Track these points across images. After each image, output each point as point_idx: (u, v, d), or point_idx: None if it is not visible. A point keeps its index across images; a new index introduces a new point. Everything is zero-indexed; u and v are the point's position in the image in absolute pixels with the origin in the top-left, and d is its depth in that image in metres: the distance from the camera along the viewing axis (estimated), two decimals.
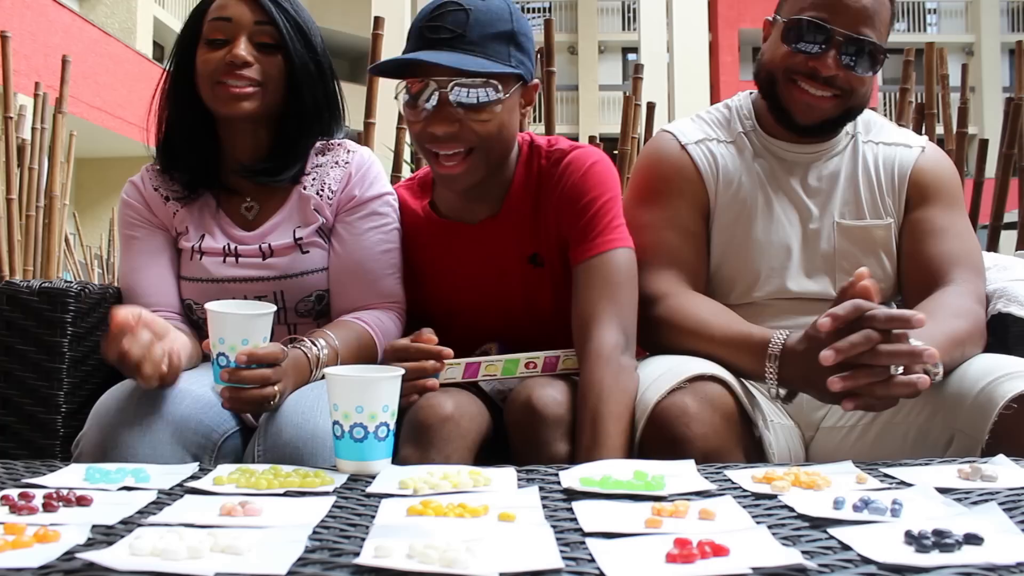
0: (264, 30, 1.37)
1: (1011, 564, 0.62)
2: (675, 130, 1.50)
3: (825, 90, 1.37)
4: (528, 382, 1.27)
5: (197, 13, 1.41)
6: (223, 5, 1.38)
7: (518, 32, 1.31)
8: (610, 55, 21.03)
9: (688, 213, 1.44)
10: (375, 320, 1.39)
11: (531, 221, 1.41)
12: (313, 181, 1.45)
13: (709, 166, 1.45)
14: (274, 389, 1.16)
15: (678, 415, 1.15)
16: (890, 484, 0.92)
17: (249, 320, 1.16)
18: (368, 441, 1.03)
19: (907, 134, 1.52)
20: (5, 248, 3.08)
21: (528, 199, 1.41)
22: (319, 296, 1.43)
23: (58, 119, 3.14)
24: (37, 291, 1.39)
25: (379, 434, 1.04)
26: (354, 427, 1.03)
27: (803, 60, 1.36)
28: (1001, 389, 1.13)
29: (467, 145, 1.29)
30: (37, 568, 0.64)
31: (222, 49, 1.36)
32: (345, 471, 1.03)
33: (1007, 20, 21.15)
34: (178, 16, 15.67)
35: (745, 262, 1.42)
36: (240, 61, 1.34)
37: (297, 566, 0.64)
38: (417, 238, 1.48)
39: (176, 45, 1.43)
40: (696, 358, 1.25)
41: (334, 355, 1.29)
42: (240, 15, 1.37)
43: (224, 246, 1.42)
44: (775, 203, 1.44)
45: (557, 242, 1.40)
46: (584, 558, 0.67)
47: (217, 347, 1.16)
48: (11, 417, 1.38)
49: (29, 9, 9.91)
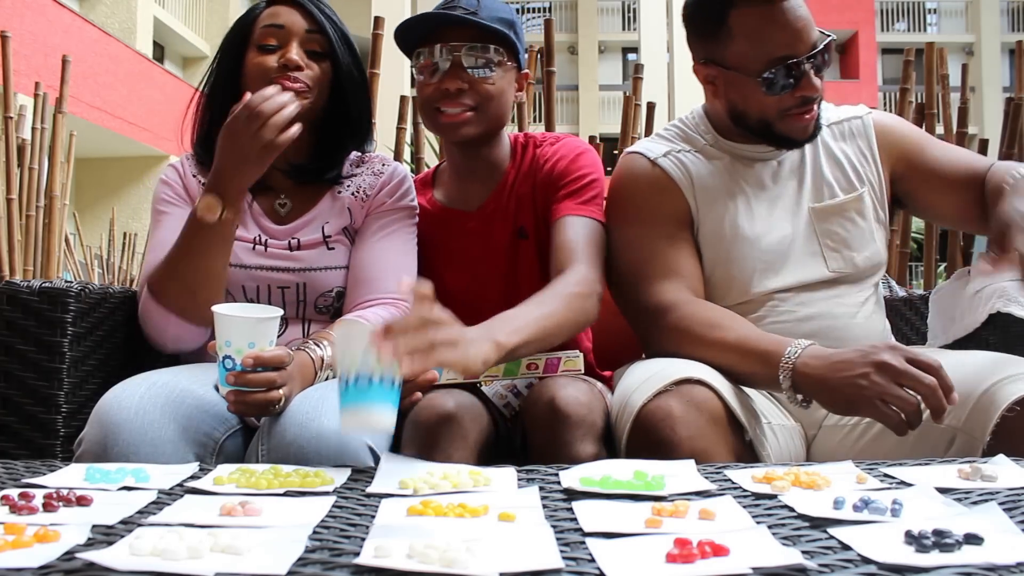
0: (314, 38, 1.45)
1: (1011, 564, 0.62)
2: (641, 148, 1.51)
3: (812, 105, 1.40)
4: (549, 382, 1.28)
5: (247, 19, 1.47)
6: (275, 13, 1.45)
7: (517, 24, 1.50)
8: (610, 55, 21.05)
9: (673, 223, 1.44)
10: (377, 318, 1.40)
11: (519, 199, 1.54)
12: (348, 186, 1.52)
13: (683, 175, 1.46)
14: (279, 393, 1.17)
15: (663, 418, 1.15)
16: (890, 484, 0.92)
17: (256, 324, 1.16)
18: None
19: (848, 108, 1.55)
20: (5, 248, 3.08)
21: (519, 181, 1.55)
22: (339, 293, 1.48)
23: (58, 119, 3.14)
24: (37, 291, 1.39)
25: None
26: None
27: (791, 97, 1.37)
28: (1005, 391, 1.13)
29: (473, 101, 1.46)
30: (37, 568, 0.64)
31: (274, 54, 1.43)
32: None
33: (1007, 20, 21.16)
34: (178, 16, 15.69)
35: (737, 262, 1.43)
36: (293, 65, 1.42)
37: (297, 566, 0.64)
38: (424, 228, 1.57)
39: (222, 48, 1.48)
40: (682, 361, 1.25)
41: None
42: (293, 22, 1.44)
43: (255, 236, 1.47)
44: (752, 200, 1.45)
45: (543, 214, 1.51)
46: (584, 558, 0.67)
47: (223, 349, 1.16)
48: (11, 417, 1.38)
49: (29, 9, 9.91)
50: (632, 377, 1.26)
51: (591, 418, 1.23)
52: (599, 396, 1.32)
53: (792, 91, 1.36)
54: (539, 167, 1.54)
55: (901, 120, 1.57)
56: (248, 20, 1.47)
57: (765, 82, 1.36)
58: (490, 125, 1.50)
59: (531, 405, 1.27)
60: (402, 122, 2.58)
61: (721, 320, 1.33)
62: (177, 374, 1.30)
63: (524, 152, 1.57)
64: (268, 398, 1.16)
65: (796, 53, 1.34)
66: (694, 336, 1.32)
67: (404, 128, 2.58)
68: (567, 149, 1.54)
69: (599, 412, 1.26)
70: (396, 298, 1.45)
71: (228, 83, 1.46)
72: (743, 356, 1.26)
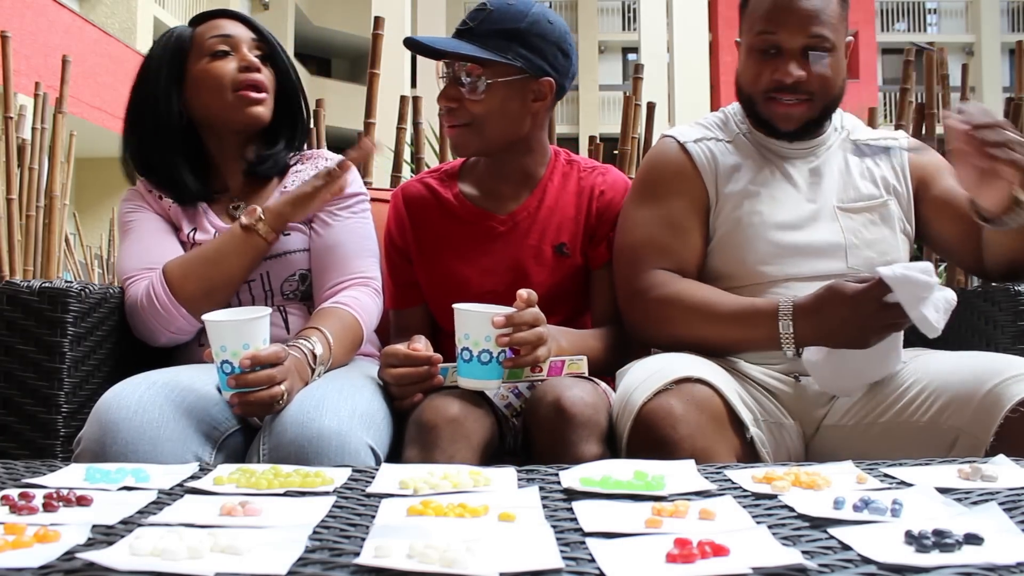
0: (259, 45, 1.54)
1: (1011, 564, 0.62)
2: (675, 132, 1.55)
3: (795, 96, 1.42)
4: (554, 382, 1.28)
5: (180, 41, 1.52)
6: (217, 25, 1.53)
7: (529, 31, 1.45)
8: (610, 55, 21.03)
9: (683, 210, 1.47)
10: (354, 301, 1.45)
11: (560, 215, 1.55)
12: (294, 181, 1.56)
13: (708, 162, 1.49)
14: (281, 388, 1.19)
15: (664, 417, 1.15)
16: (890, 484, 0.92)
17: (247, 325, 1.19)
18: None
19: (886, 131, 1.61)
20: (5, 248, 3.08)
21: (560, 196, 1.56)
22: (302, 276, 1.51)
23: (58, 119, 3.14)
24: (37, 291, 1.39)
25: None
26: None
27: (768, 76, 1.42)
28: (1009, 392, 1.13)
29: (461, 120, 1.47)
30: (37, 568, 0.64)
31: (227, 59, 1.49)
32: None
33: (1007, 20, 21.15)
34: (178, 16, 15.66)
35: (753, 244, 1.43)
36: (255, 67, 1.50)
37: (297, 566, 0.64)
38: (445, 223, 1.57)
39: (152, 68, 1.52)
40: (684, 359, 1.25)
41: (327, 347, 1.34)
42: (238, 32, 1.52)
43: (214, 233, 1.50)
44: (776, 191, 1.47)
45: (591, 240, 1.56)
46: (584, 558, 0.67)
47: (220, 355, 1.19)
48: (11, 417, 1.38)
49: (29, 9, 9.91)
50: (633, 376, 1.27)
51: (596, 418, 1.23)
52: (603, 396, 1.32)
53: (772, 71, 1.41)
54: (592, 194, 1.55)
55: (935, 152, 1.57)
56: (182, 39, 1.52)
57: (747, 48, 1.44)
58: (490, 141, 1.50)
59: (536, 405, 1.27)
60: (402, 122, 2.58)
61: (708, 293, 1.37)
62: (177, 374, 1.30)
63: (567, 169, 1.58)
64: (271, 394, 1.18)
65: (781, 32, 1.39)
66: (681, 308, 1.37)
67: (404, 128, 2.58)
68: (623, 185, 1.58)
69: (604, 412, 1.26)
70: (366, 277, 1.50)
71: (165, 96, 1.49)
72: (735, 320, 1.32)
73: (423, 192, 1.60)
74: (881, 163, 1.51)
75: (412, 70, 8.83)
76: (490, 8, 1.45)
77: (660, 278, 1.41)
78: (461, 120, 1.47)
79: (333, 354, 1.36)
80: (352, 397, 1.25)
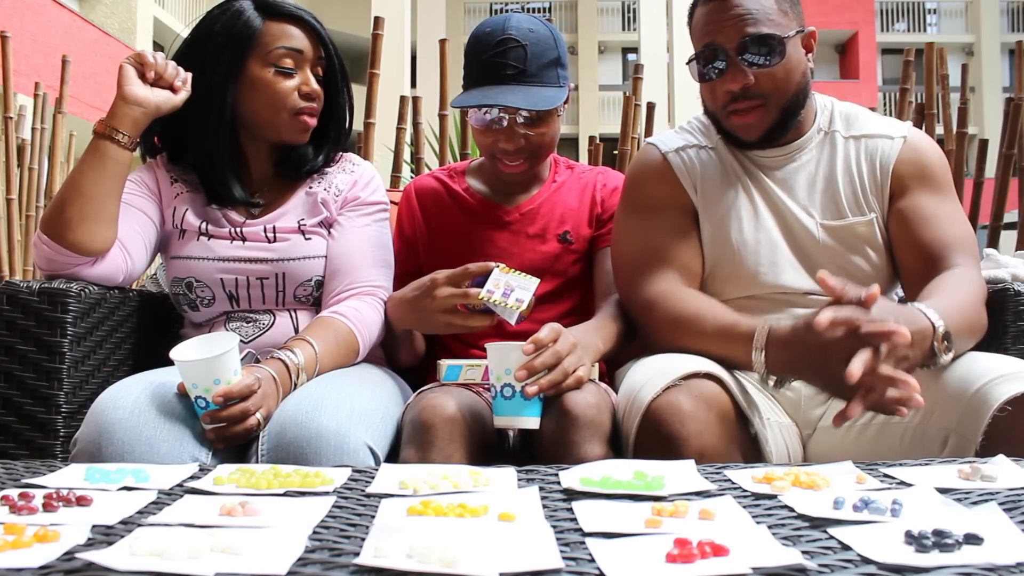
0: (321, 64, 1.51)
1: (1011, 564, 0.62)
2: (657, 141, 1.54)
3: (748, 102, 1.38)
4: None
5: (248, 29, 1.44)
6: (291, 34, 1.47)
7: (562, 55, 1.54)
8: (610, 55, 21.04)
9: (676, 215, 1.47)
10: (353, 312, 1.43)
11: (564, 207, 1.63)
12: (320, 183, 1.55)
13: (688, 172, 1.48)
14: (256, 418, 1.21)
15: (672, 413, 1.15)
16: (890, 484, 0.92)
17: (215, 361, 1.19)
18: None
19: (889, 124, 1.49)
20: (5, 248, 3.08)
21: (562, 190, 1.65)
22: (318, 282, 1.49)
23: (58, 119, 3.14)
24: (37, 291, 1.39)
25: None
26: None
27: (721, 90, 1.39)
28: (996, 391, 1.13)
29: (530, 151, 1.55)
30: (37, 568, 0.63)
31: (291, 78, 1.46)
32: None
33: (1007, 20, 21.15)
34: (178, 16, 15.68)
35: (734, 261, 1.43)
36: (316, 94, 1.48)
37: (297, 566, 0.64)
38: (455, 213, 1.65)
39: (213, 49, 1.44)
40: (690, 356, 1.26)
41: (313, 358, 1.33)
42: (307, 48, 1.48)
43: (229, 230, 1.48)
44: (757, 202, 1.45)
45: (593, 228, 1.63)
46: (584, 558, 0.67)
47: (192, 392, 1.20)
48: (11, 417, 1.38)
49: (29, 9, 9.91)
50: (639, 373, 1.26)
51: (600, 419, 1.24)
52: (607, 397, 1.32)
53: (714, 81, 1.38)
54: (595, 186, 1.66)
55: (929, 154, 1.45)
56: (251, 30, 1.44)
57: (694, 69, 1.41)
58: (544, 160, 1.63)
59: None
60: (402, 122, 2.58)
61: (698, 308, 1.35)
62: (175, 374, 1.30)
63: (567, 172, 1.69)
64: (246, 427, 1.20)
65: (717, 41, 1.36)
66: (671, 324, 1.35)
67: (404, 128, 2.58)
68: (618, 180, 1.64)
69: (607, 413, 1.26)
70: (373, 287, 1.49)
71: (221, 90, 1.44)
72: (716, 338, 1.29)
73: (435, 184, 1.69)
74: (867, 167, 1.45)
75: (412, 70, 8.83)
76: (524, 43, 1.48)
77: (660, 289, 1.39)
78: (528, 153, 1.54)
79: (320, 365, 1.34)
80: (351, 397, 1.25)
